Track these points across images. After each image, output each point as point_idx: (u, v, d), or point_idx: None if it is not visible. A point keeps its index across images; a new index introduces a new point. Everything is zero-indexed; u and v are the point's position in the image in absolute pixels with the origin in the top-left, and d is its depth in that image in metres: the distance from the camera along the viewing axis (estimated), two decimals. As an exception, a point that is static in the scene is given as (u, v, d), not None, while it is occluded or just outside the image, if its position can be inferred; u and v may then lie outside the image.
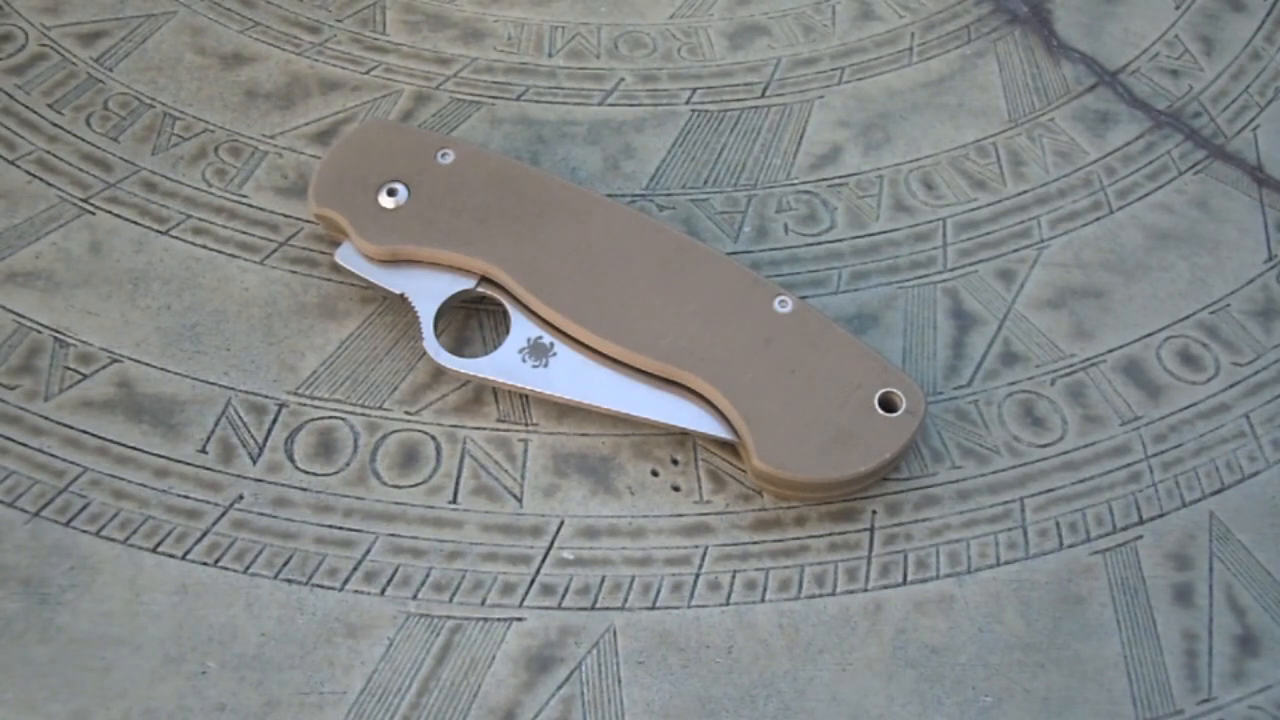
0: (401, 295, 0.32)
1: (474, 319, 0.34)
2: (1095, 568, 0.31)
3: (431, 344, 0.31)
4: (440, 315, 0.32)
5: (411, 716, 0.27)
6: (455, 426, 0.32)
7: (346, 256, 0.33)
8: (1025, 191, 0.38)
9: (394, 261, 0.32)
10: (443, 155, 0.33)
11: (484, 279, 0.32)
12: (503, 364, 0.31)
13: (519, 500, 0.31)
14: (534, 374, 0.31)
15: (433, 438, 0.31)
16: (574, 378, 0.31)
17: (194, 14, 0.41)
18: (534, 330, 0.32)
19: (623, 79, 0.41)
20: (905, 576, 0.31)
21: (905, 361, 0.34)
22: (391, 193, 0.33)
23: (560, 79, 0.41)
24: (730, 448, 0.32)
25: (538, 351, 0.31)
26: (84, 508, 0.30)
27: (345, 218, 0.32)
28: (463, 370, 0.31)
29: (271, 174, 0.37)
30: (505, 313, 0.32)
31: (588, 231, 0.32)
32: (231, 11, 0.42)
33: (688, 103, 0.40)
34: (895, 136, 0.40)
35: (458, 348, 0.33)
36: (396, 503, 0.30)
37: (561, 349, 0.31)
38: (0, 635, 0.27)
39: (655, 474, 0.32)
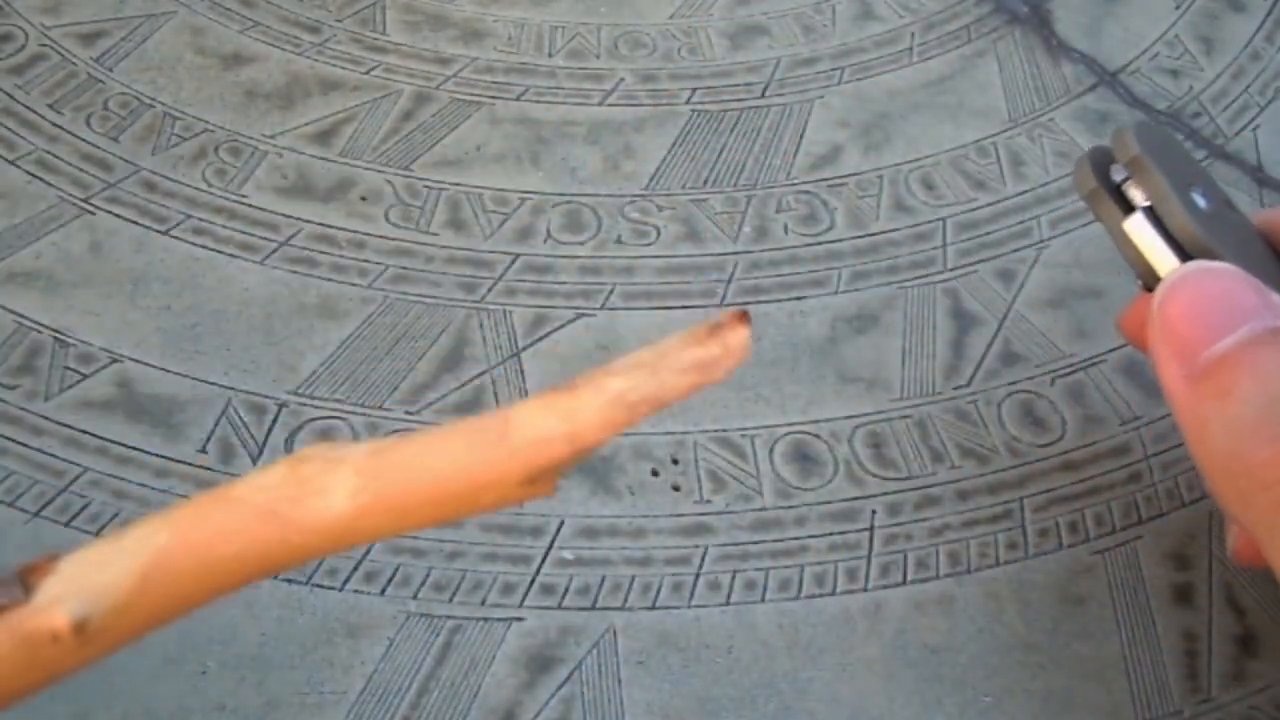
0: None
1: (473, 318, 0.34)
2: (1095, 568, 0.31)
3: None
4: None
5: (411, 716, 0.27)
6: (455, 426, 0.32)
7: (1141, 227, 0.28)
8: (1025, 191, 0.38)
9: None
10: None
11: None
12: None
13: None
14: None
15: (433, 438, 0.31)
16: None
17: (194, 14, 0.41)
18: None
19: (623, 79, 0.41)
20: (905, 576, 0.31)
21: (905, 361, 0.34)
22: (1204, 196, 0.29)
23: (560, 79, 0.41)
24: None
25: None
26: (84, 508, 0.30)
27: (1166, 180, 0.28)
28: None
29: (271, 174, 0.37)
30: None
31: None
32: (231, 11, 0.42)
33: (688, 103, 0.40)
34: (895, 136, 0.40)
35: (457, 347, 0.33)
36: (396, 503, 0.30)
37: None
38: (0, 635, 0.27)
39: (655, 474, 0.32)
